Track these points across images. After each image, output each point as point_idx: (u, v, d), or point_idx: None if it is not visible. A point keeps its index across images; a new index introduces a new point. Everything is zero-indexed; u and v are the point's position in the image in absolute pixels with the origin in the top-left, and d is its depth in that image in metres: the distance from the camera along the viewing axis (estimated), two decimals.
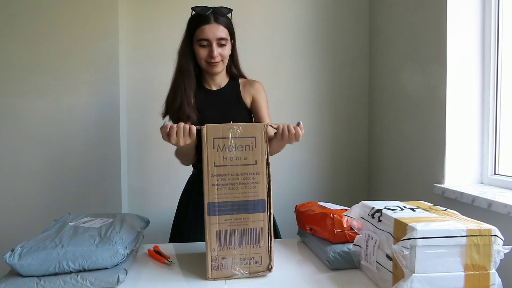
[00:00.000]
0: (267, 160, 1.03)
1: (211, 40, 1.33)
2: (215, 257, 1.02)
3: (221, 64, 1.39)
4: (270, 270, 1.04)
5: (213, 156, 1.02)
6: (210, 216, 1.02)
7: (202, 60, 1.37)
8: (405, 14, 1.94)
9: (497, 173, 1.61)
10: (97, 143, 2.08)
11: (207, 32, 1.33)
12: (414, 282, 0.82)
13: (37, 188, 2.07)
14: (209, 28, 1.33)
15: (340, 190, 2.35)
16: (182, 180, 1.56)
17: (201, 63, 1.38)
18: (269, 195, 1.03)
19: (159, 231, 1.78)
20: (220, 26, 1.34)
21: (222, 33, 1.35)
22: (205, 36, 1.33)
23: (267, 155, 1.03)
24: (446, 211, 0.98)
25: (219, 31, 1.34)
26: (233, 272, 1.02)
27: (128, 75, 2.18)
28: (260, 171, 1.03)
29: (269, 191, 1.04)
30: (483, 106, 1.63)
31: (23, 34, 2.03)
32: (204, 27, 1.33)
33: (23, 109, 2.05)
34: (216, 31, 1.33)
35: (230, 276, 1.02)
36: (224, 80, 1.47)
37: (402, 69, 1.97)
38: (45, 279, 0.92)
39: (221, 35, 1.34)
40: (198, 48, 1.36)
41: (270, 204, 1.04)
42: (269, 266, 1.03)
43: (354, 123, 2.35)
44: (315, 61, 2.30)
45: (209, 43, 1.34)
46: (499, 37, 1.57)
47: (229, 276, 1.02)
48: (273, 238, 1.05)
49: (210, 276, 1.02)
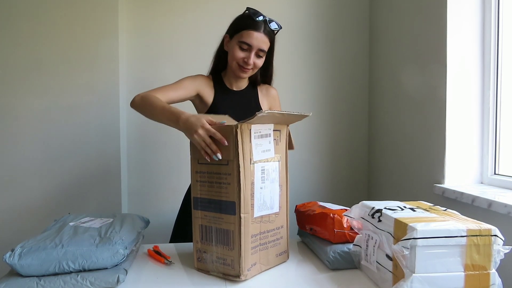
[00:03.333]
0: (239, 161, 0.96)
1: (253, 47, 1.33)
2: (199, 249, 1.07)
3: (250, 72, 1.40)
4: (239, 278, 0.98)
5: (197, 153, 1.04)
6: (194, 209, 1.08)
7: (234, 62, 1.37)
8: (405, 14, 1.94)
9: (497, 173, 1.61)
10: (97, 143, 2.08)
11: (253, 39, 1.33)
12: (414, 282, 0.82)
13: (37, 188, 2.07)
14: (257, 36, 1.33)
15: (340, 190, 2.35)
16: (182, 180, 1.57)
17: (232, 63, 1.38)
18: (239, 198, 0.97)
19: (159, 231, 1.78)
20: (266, 39, 1.35)
21: (265, 45, 1.36)
22: (250, 41, 1.33)
23: (242, 156, 0.97)
24: (446, 211, 0.98)
25: (264, 42, 1.35)
26: (212, 268, 1.04)
27: (128, 75, 2.18)
28: (231, 172, 0.98)
29: (239, 194, 0.97)
30: (483, 106, 1.63)
31: (23, 34, 2.03)
32: (253, 32, 1.32)
33: (23, 109, 2.05)
34: (261, 41, 1.34)
35: (209, 271, 1.04)
36: (245, 83, 1.49)
37: (402, 69, 1.97)
38: (45, 279, 0.92)
39: (263, 46, 1.35)
40: (236, 48, 1.35)
41: (240, 207, 0.97)
42: (239, 273, 0.98)
43: (354, 123, 2.35)
44: (315, 61, 2.30)
45: (249, 49, 1.34)
46: (499, 37, 1.57)
47: (209, 271, 1.04)
48: (245, 246, 0.98)
49: (195, 266, 1.07)
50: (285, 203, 1.12)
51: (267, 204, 1.04)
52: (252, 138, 1.00)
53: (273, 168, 1.06)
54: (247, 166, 0.98)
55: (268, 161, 1.04)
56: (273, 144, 1.06)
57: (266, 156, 1.04)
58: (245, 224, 0.98)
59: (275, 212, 1.07)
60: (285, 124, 1.12)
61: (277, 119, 1.05)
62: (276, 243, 1.09)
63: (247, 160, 0.98)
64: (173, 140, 2.16)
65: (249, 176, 0.99)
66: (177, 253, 1.20)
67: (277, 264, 1.10)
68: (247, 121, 0.97)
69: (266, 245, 1.06)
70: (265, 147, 1.04)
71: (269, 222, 1.06)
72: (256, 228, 1.02)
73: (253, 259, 1.02)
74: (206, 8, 2.21)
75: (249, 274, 1.00)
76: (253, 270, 1.02)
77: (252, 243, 1.01)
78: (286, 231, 1.13)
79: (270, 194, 1.05)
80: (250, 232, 1.00)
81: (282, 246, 1.11)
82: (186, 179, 1.56)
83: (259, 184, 1.02)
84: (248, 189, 0.99)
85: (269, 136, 1.05)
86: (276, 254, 1.09)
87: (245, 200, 0.98)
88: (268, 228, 1.06)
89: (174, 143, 2.17)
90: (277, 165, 1.08)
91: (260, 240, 1.03)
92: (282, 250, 1.12)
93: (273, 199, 1.06)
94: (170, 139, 2.17)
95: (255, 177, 1.01)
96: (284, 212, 1.12)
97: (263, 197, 1.03)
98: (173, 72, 2.06)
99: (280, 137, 1.09)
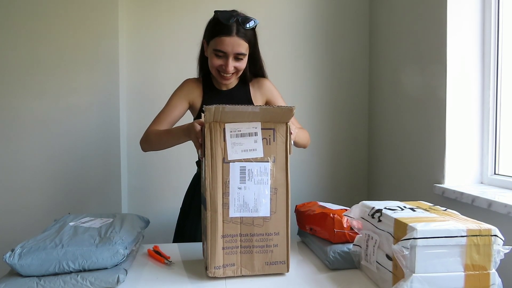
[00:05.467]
0: (210, 159, 0.99)
1: (229, 53, 1.25)
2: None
3: (233, 77, 1.34)
4: (206, 272, 1.00)
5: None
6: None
7: (214, 69, 1.32)
8: (405, 14, 1.94)
9: (497, 173, 1.61)
10: (97, 143, 2.08)
11: (226, 45, 1.24)
12: (414, 282, 0.82)
13: (37, 188, 2.07)
14: (229, 41, 1.23)
15: (340, 190, 2.35)
16: (182, 180, 1.57)
17: (212, 70, 1.33)
18: (205, 195, 1.00)
19: (159, 231, 1.78)
20: (241, 41, 1.25)
21: (242, 48, 1.26)
22: (224, 49, 1.25)
23: (210, 154, 0.99)
24: (446, 211, 0.98)
25: (240, 45, 1.25)
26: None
27: (128, 75, 2.18)
28: (204, 169, 1.02)
29: (206, 191, 0.99)
30: (483, 106, 1.63)
31: (23, 34, 2.03)
32: (225, 38, 1.23)
33: (22, 109, 2.05)
34: (236, 45, 1.24)
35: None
36: (235, 81, 1.42)
37: (402, 69, 1.97)
38: (45, 279, 0.92)
39: (240, 50, 1.25)
40: (212, 56, 1.29)
41: (206, 204, 0.99)
42: (206, 268, 1.01)
43: (354, 123, 2.35)
44: (315, 61, 2.30)
45: (225, 56, 1.26)
46: (499, 37, 1.57)
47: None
48: (211, 242, 0.98)
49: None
50: (283, 209, 1.03)
51: (248, 206, 1.01)
52: (228, 137, 1.00)
53: (260, 169, 1.02)
54: (217, 164, 0.99)
55: (251, 161, 1.01)
56: (262, 144, 1.02)
57: (249, 155, 1.01)
58: (212, 221, 0.99)
59: (262, 216, 1.02)
60: (277, 122, 1.03)
61: (251, 116, 1.00)
62: (265, 249, 1.02)
63: (219, 158, 0.99)
64: None
65: (220, 174, 0.99)
66: (178, 253, 1.20)
67: (271, 273, 1.03)
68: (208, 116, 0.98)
69: (250, 249, 1.02)
70: (248, 146, 1.01)
71: (254, 226, 1.02)
72: (233, 228, 1.01)
73: (229, 259, 1.01)
74: (206, 9, 2.18)
75: (219, 273, 0.99)
76: (228, 270, 1.00)
77: (227, 243, 1.00)
78: (285, 240, 1.03)
79: (253, 196, 1.01)
80: (221, 230, 1.00)
81: (277, 255, 1.03)
82: (186, 179, 1.57)
83: (236, 183, 1.00)
84: (217, 187, 0.99)
85: (254, 135, 1.02)
86: (265, 262, 1.02)
87: (211, 197, 0.99)
88: (252, 232, 1.02)
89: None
90: (267, 166, 1.02)
91: (241, 242, 1.01)
92: (277, 260, 1.03)
93: (259, 201, 1.01)
94: None
95: (231, 176, 1.00)
96: (281, 219, 1.03)
97: (242, 198, 1.01)
98: (173, 72, 2.06)
99: (274, 137, 1.03)
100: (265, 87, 1.44)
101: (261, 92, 1.44)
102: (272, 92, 1.46)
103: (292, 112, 1.00)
